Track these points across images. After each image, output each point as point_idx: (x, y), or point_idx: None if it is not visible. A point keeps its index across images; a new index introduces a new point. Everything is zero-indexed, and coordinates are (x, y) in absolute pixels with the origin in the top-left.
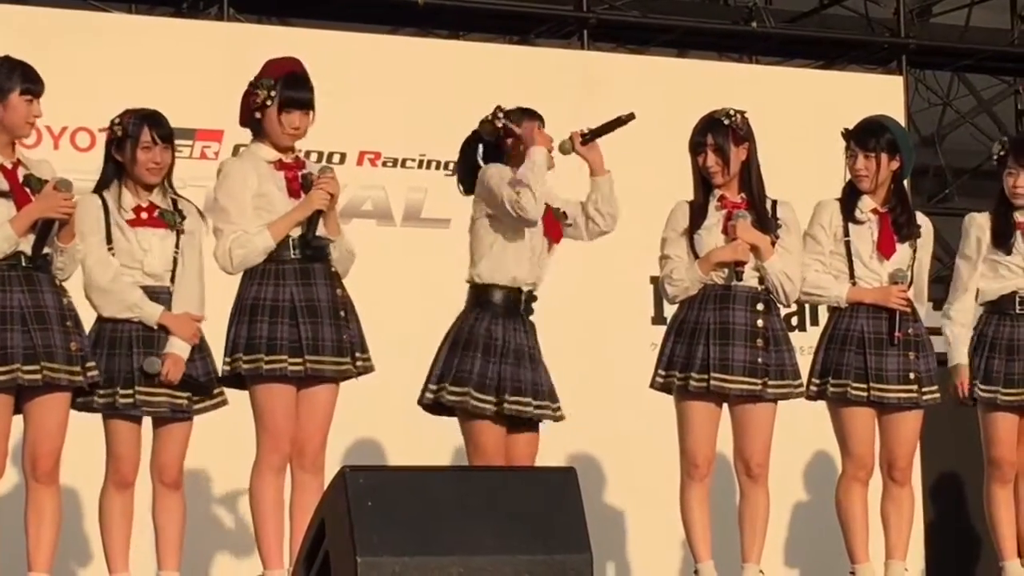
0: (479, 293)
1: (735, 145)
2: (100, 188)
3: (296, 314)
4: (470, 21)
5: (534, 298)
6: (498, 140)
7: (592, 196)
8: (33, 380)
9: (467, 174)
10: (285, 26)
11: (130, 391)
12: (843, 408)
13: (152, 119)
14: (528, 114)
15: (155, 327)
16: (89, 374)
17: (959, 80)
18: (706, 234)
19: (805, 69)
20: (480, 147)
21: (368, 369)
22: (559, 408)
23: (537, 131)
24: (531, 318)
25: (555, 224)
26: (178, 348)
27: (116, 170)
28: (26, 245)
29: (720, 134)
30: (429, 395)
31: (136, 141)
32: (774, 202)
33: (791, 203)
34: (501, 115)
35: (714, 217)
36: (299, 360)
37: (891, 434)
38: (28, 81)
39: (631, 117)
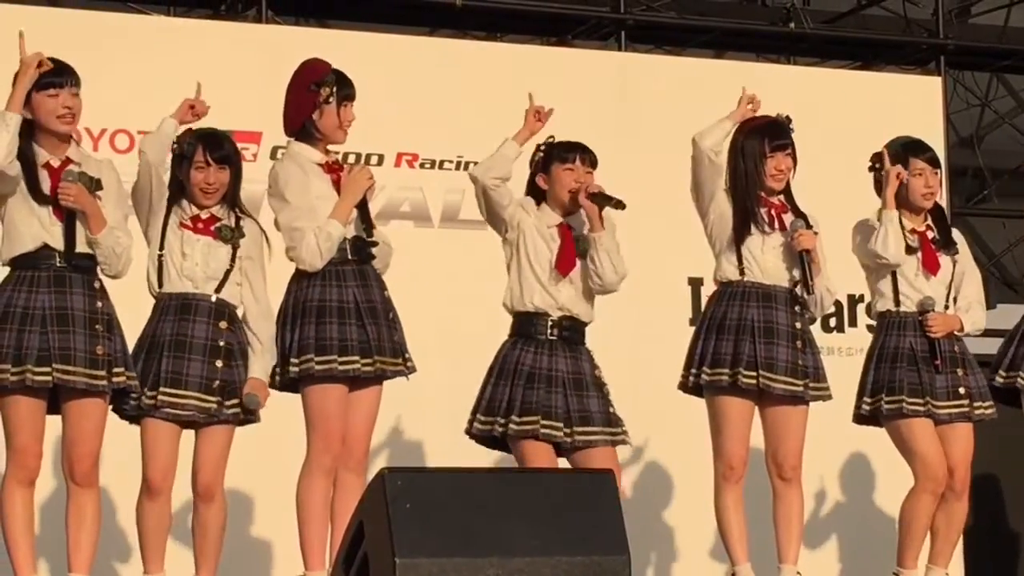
0: (514, 320)
1: None
2: (172, 197)
3: (361, 315)
4: (507, 22)
5: (568, 325)
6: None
7: (590, 251)
8: (42, 382)
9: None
10: (323, 28)
11: (153, 392)
12: (903, 422)
13: (208, 139)
14: (563, 151)
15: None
16: (115, 379)
17: (998, 81)
18: (755, 242)
19: (843, 70)
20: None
21: (414, 369)
22: (594, 432)
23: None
24: (580, 347)
25: (568, 256)
26: (262, 373)
27: (179, 185)
28: (57, 241)
29: (793, 137)
30: (478, 427)
31: (191, 162)
32: None
33: (831, 205)
34: (542, 149)
35: (761, 223)
36: (370, 361)
37: (946, 447)
38: (46, 75)
39: (622, 205)
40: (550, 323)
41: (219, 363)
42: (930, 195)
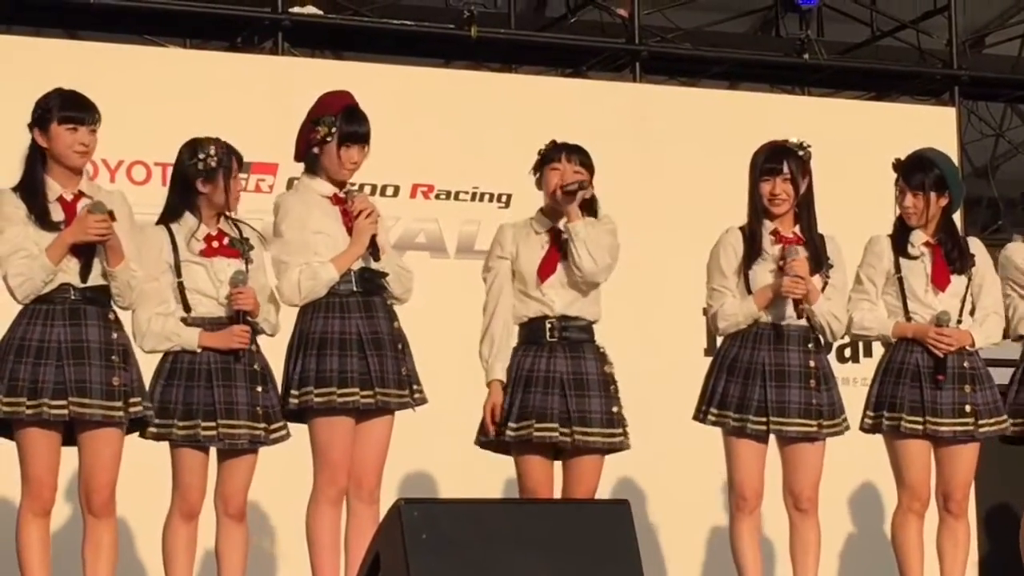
0: (519, 331)
1: (803, 177)
2: (167, 220)
3: (364, 347)
4: (522, 54)
5: (567, 325)
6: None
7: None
8: (58, 415)
9: None
10: (339, 60)
11: (212, 423)
12: (898, 440)
13: (235, 150)
14: (549, 151)
15: (198, 350)
16: (132, 409)
17: (1012, 111)
18: (760, 269)
19: (857, 101)
20: None
21: (423, 401)
22: (593, 433)
23: None
24: (584, 346)
25: (549, 262)
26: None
27: (189, 201)
28: (73, 277)
29: (794, 163)
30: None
31: (229, 171)
32: (822, 237)
33: (845, 236)
34: (539, 152)
35: (768, 251)
36: (370, 392)
37: (947, 466)
38: (68, 109)
39: (583, 187)
40: (548, 325)
41: (259, 388)
42: (909, 215)
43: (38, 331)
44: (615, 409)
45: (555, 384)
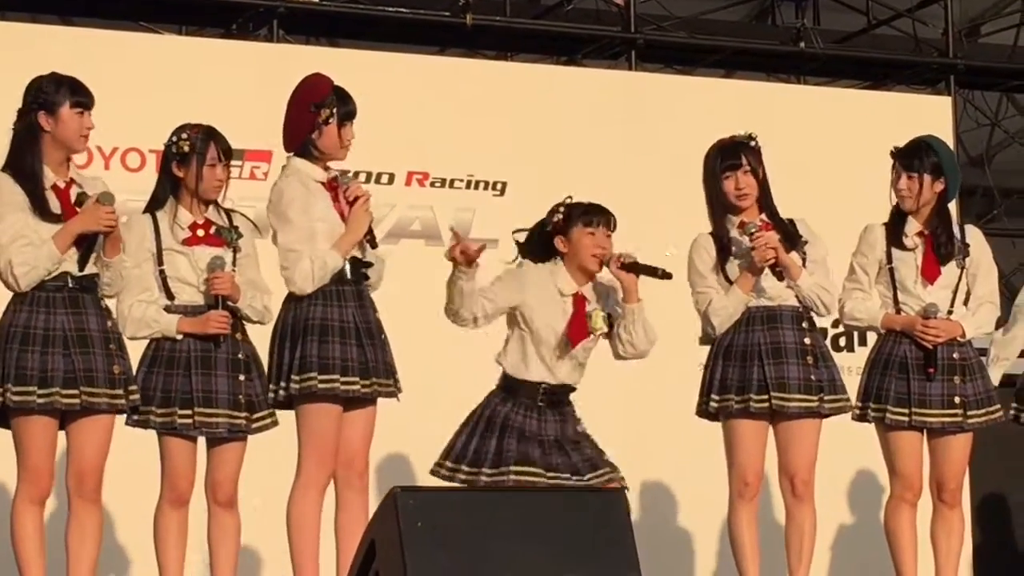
0: (505, 379)
1: (759, 166)
2: (152, 207)
3: (360, 336)
4: (518, 42)
5: (559, 391)
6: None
7: (622, 320)
8: (71, 404)
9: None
10: (334, 47)
11: (188, 411)
12: (887, 431)
13: (215, 135)
14: (586, 214)
15: (178, 337)
16: (131, 397)
17: (1008, 100)
18: (738, 261)
19: (853, 90)
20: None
21: (400, 390)
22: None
23: None
24: (566, 408)
25: (580, 329)
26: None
27: (172, 187)
28: (72, 265)
29: (751, 155)
30: (445, 472)
31: (203, 157)
32: (791, 220)
33: (840, 225)
34: (561, 210)
35: (738, 243)
36: (368, 382)
37: (939, 456)
38: (77, 94)
39: (668, 276)
40: (541, 391)
41: (241, 377)
42: (903, 197)
43: (42, 319)
44: (604, 456)
45: (549, 446)
